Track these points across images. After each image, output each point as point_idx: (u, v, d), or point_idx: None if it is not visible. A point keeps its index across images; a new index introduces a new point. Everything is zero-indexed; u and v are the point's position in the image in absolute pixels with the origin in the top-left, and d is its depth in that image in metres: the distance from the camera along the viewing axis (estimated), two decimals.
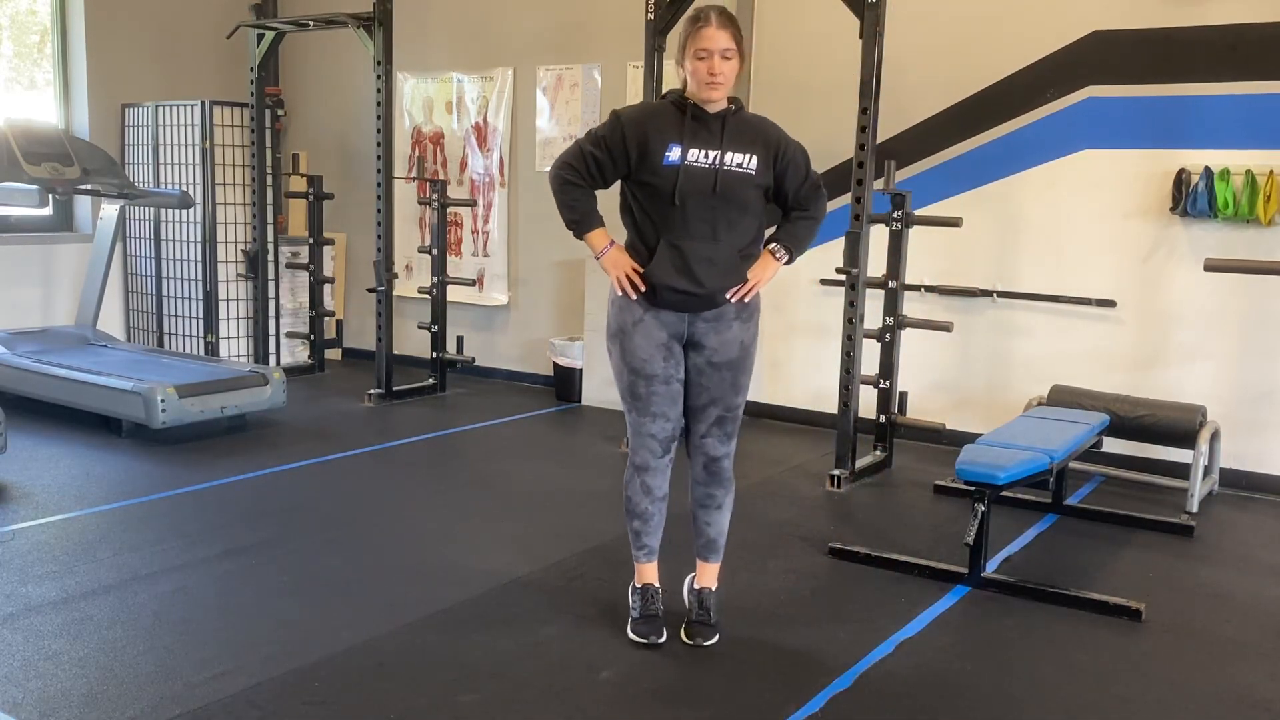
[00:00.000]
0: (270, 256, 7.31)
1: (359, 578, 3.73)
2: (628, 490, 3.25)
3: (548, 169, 6.92)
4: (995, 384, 5.62)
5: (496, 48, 7.12)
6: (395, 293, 6.84)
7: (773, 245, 3.16)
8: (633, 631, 3.25)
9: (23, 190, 5.87)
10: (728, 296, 3.08)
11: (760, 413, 6.32)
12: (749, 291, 3.11)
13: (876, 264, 5.16)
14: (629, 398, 3.17)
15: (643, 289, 3.07)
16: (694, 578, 3.40)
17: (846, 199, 4.97)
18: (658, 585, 3.33)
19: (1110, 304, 5.27)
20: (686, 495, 3.34)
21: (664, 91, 3.19)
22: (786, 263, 3.17)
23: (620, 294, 3.12)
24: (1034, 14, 5.35)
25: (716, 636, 3.27)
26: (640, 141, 3.01)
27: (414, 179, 7.36)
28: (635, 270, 3.07)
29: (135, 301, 7.60)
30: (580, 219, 3.14)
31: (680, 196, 2.99)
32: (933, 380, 5.74)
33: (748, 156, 3.04)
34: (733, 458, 3.27)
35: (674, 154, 2.99)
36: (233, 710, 2.77)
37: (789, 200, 3.17)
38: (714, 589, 3.36)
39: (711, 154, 3.01)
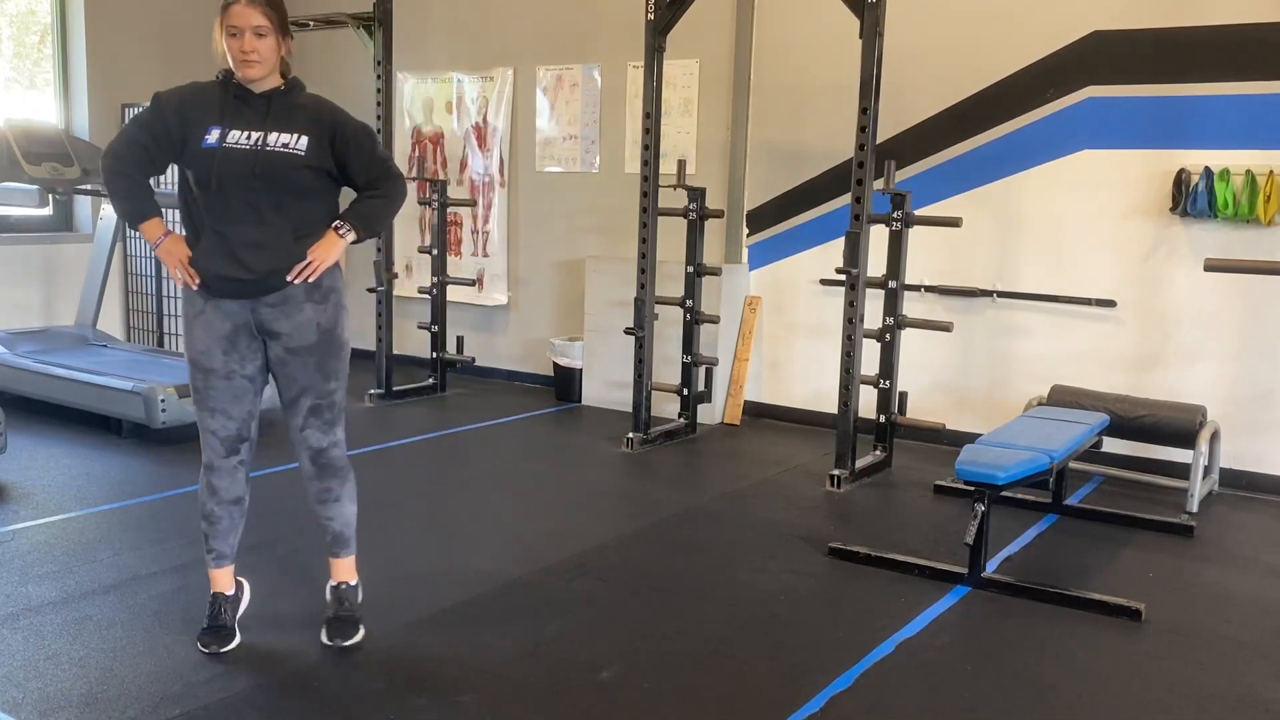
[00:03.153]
0: None
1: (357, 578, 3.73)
2: (199, 490, 3.14)
3: (550, 169, 7.02)
4: (995, 384, 5.62)
5: (496, 48, 7.12)
6: (395, 293, 6.84)
7: (337, 222, 3.02)
8: (198, 640, 3.12)
9: (23, 190, 5.87)
10: (287, 278, 2.95)
11: (760, 413, 6.32)
12: (312, 271, 2.97)
13: (876, 264, 5.16)
14: (192, 392, 3.05)
15: (197, 278, 2.95)
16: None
17: (847, 199, 4.98)
18: (229, 593, 3.19)
19: (1110, 304, 5.27)
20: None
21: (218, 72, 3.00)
22: (354, 241, 3.04)
23: (183, 285, 3.00)
24: (1034, 14, 5.35)
25: (360, 633, 3.17)
26: (181, 123, 2.88)
27: (414, 179, 7.35)
28: (188, 258, 2.94)
29: (135, 301, 7.60)
30: (132, 209, 2.99)
31: (218, 179, 2.86)
32: (933, 380, 5.74)
33: (295, 137, 2.91)
34: (343, 447, 3.17)
35: (213, 136, 2.87)
36: (233, 710, 2.77)
37: (359, 182, 3.05)
38: (354, 583, 3.27)
39: (254, 135, 2.88)
